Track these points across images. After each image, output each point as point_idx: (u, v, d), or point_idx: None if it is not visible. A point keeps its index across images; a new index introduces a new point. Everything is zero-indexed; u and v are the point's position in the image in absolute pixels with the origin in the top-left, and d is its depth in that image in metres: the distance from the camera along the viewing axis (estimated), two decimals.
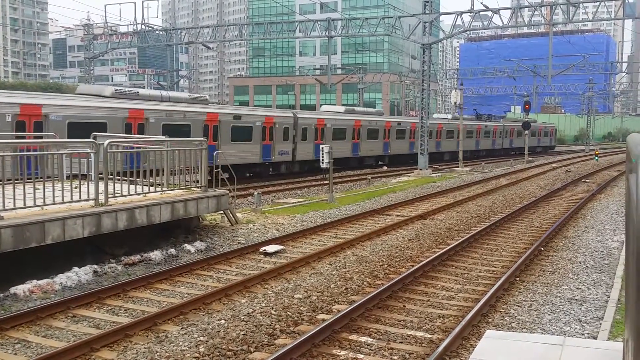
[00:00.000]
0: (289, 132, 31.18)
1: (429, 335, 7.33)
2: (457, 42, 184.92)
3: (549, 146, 71.97)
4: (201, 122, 25.25)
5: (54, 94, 26.60)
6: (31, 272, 9.29)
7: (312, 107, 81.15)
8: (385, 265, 10.91)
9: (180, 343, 6.88)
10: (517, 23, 36.17)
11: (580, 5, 33.24)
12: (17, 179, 9.71)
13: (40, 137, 16.96)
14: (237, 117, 27.73)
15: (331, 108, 41.11)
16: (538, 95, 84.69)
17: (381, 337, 7.29)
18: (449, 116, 52.36)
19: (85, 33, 50.13)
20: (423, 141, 34.04)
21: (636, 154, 2.55)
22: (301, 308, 8.25)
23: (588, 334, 7.52)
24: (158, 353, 6.58)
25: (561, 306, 8.63)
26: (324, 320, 7.62)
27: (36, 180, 10.03)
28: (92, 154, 11.09)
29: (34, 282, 9.04)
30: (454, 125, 47.36)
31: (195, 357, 6.47)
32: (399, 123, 43.01)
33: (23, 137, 17.04)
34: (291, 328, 7.46)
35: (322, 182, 27.71)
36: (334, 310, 8.24)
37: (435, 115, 51.29)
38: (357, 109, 43.33)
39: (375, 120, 40.24)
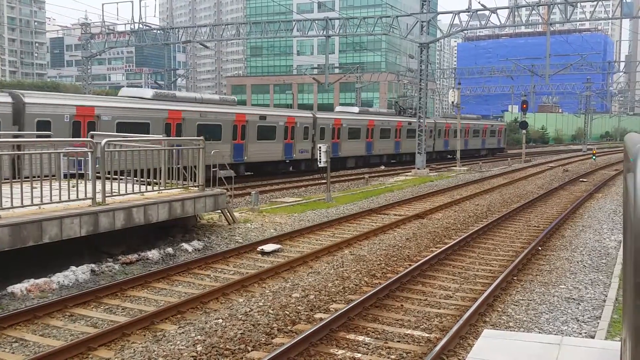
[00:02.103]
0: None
1: (427, 335, 7.33)
2: (455, 41, 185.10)
3: (497, 148, 61.60)
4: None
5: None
6: (28, 271, 9.28)
7: (309, 107, 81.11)
8: (383, 265, 10.91)
9: (178, 342, 6.87)
10: (515, 22, 36.19)
11: (578, 4, 33.28)
12: (14, 178, 9.68)
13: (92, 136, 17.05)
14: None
15: (346, 109, 42.93)
16: (536, 94, 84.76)
17: (379, 336, 7.29)
18: (356, 109, 41.86)
19: (83, 32, 50.02)
20: (420, 140, 34.07)
21: (634, 153, 2.56)
22: (299, 307, 8.25)
23: (585, 333, 7.53)
24: (155, 352, 6.57)
25: (559, 305, 8.64)
26: (321, 319, 7.62)
27: (33, 179, 10.01)
28: (89, 153, 11.06)
29: (32, 281, 9.03)
30: (363, 121, 39.10)
31: (192, 357, 6.46)
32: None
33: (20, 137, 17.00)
34: (289, 327, 7.46)
35: (319, 182, 27.71)
36: (331, 309, 8.24)
37: (338, 109, 41.93)
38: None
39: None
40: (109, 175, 11.47)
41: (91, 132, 13.47)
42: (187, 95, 28.15)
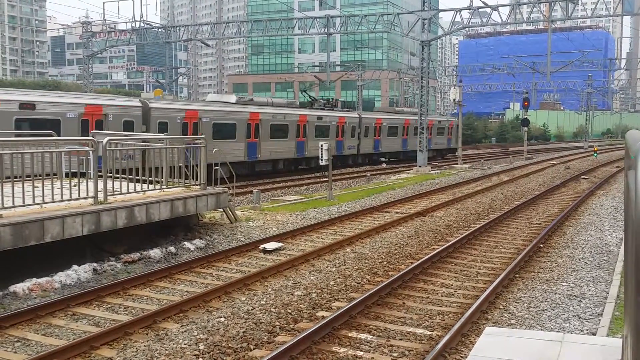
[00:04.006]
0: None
1: (429, 332, 7.34)
2: (456, 39, 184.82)
3: (447, 149, 51.67)
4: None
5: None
6: (31, 270, 9.29)
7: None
8: (385, 263, 10.92)
9: (180, 341, 6.88)
10: (516, 20, 36.11)
11: (579, 1, 33.21)
12: (16, 177, 9.70)
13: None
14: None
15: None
16: (537, 92, 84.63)
17: (381, 334, 7.29)
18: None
19: (84, 30, 50.04)
20: (422, 138, 34.04)
21: (635, 150, 2.56)
22: (301, 305, 8.25)
23: (587, 330, 7.53)
24: (158, 351, 6.58)
25: (560, 303, 8.64)
26: (323, 317, 7.62)
27: (35, 178, 10.03)
28: (91, 152, 11.07)
29: (34, 280, 9.04)
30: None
31: (195, 355, 6.47)
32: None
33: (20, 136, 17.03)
34: (291, 325, 7.47)
35: (321, 180, 27.72)
36: (333, 307, 8.25)
37: (211, 97, 33.49)
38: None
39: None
40: (110, 174, 11.48)
41: (92, 131, 13.57)
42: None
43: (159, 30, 48.29)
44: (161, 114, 23.91)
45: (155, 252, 11.25)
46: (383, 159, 42.98)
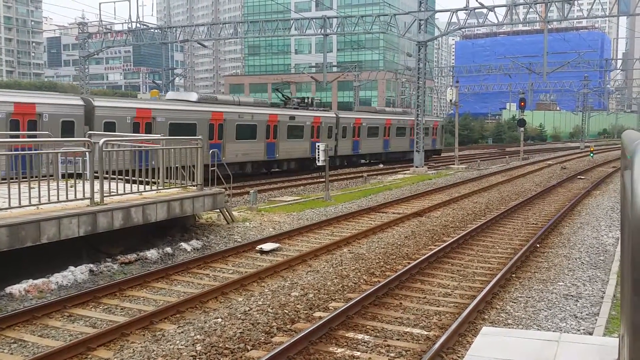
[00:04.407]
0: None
1: (426, 332, 7.34)
2: (453, 39, 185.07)
3: (432, 150, 46.89)
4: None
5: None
6: (27, 271, 9.27)
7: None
8: (382, 263, 10.92)
9: (177, 342, 6.87)
10: (512, 20, 36.20)
11: (575, 2, 33.30)
12: (12, 179, 9.67)
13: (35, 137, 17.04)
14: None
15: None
16: (533, 92, 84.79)
17: (378, 334, 7.29)
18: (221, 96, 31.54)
19: (80, 31, 49.98)
20: (418, 138, 34.09)
21: (631, 150, 2.56)
22: (298, 306, 8.25)
23: (584, 330, 7.55)
24: (155, 352, 6.57)
25: (557, 302, 8.66)
26: (320, 318, 7.62)
27: (31, 179, 10.00)
28: (87, 153, 11.05)
29: (30, 281, 9.02)
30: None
31: (192, 356, 6.46)
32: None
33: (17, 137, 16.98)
34: (288, 326, 7.47)
35: (318, 180, 27.71)
36: (330, 307, 8.25)
37: (170, 95, 30.55)
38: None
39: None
40: (107, 175, 11.45)
41: (88, 132, 13.50)
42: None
43: (156, 31, 48.27)
44: (107, 113, 21.67)
45: (151, 253, 11.23)
46: (363, 161, 40.59)
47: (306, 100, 37.09)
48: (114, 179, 12.06)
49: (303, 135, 32.45)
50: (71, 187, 10.57)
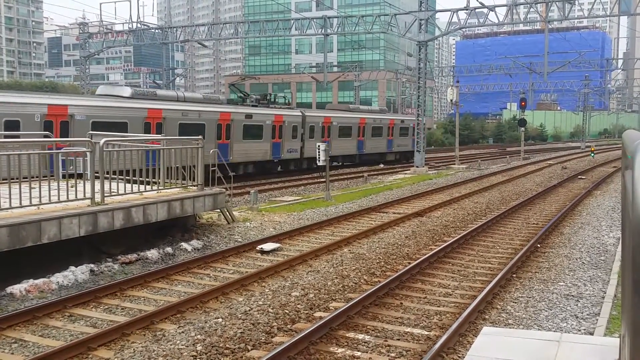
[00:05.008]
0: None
1: (426, 332, 7.34)
2: (453, 39, 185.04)
3: (412, 151, 39.07)
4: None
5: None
6: (28, 271, 9.27)
7: (308, 105, 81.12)
8: (382, 263, 10.92)
9: (178, 342, 6.87)
10: (513, 20, 36.19)
11: (576, 2, 33.29)
12: (12, 179, 9.67)
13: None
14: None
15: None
16: (534, 92, 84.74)
17: (378, 334, 7.29)
18: (161, 91, 28.01)
19: (81, 32, 50.01)
20: (419, 138, 34.10)
21: (632, 150, 2.56)
22: (298, 306, 8.25)
23: (585, 330, 7.54)
24: (155, 352, 6.57)
25: (558, 302, 8.65)
26: (321, 318, 7.62)
27: (32, 179, 10.00)
28: (87, 153, 11.05)
29: (31, 281, 9.02)
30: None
31: (192, 356, 6.46)
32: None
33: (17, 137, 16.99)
34: (288, 326, 7.46)
35: (318, 180, 27.71)
36: (331, 307, 8.24)
37: (100, 90, 25.36)
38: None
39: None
40: (107, 175, 11.46)
41: (89, 132, 13.47)
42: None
43: (156, 31, 48.29)
44: (6, 110, 18.33)
45: (152, 253, 11.23)
46: (335, 164, 36.16)
47: (268, 97, 33.51)
48: (115, 179, 12.06)
49: (262, 135, 29.37)
50: (72, 187, 10.57)
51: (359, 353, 6.67)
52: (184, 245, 12.04)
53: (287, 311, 7.99)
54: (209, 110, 26.07)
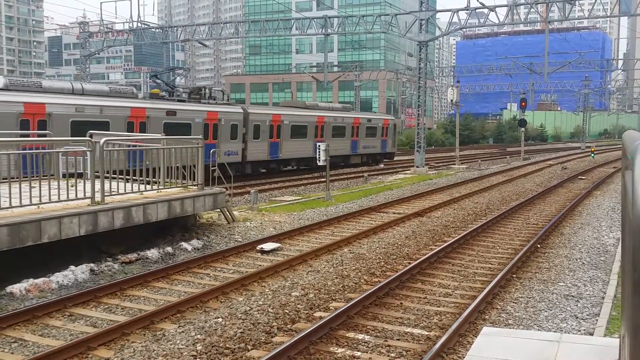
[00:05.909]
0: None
1: (426, 332, 7.34)
2: (454, 39, 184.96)
3: (381, 153, 40.08)
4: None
5: None
6: (27, 271, 9.27)
7: None
8: (382, 263, 10.92)
9: (178, 341, 6.87)
10: (513, 20, 36.19)
11: (576, 2, 33.29)
12: (12, 178, 9.67)
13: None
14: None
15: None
16: (534, 92, 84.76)
17: (378, 334, 7.29)
18: (105, 87, 23.39)
19: (81, 31, 50.03)
20: (419, 138, 34.08)
21: (632, 150, 2.56)
22: (298, 306, 8.25)
23: (584, 330, 7.54)
24: (155, 351, 6.58)
25: (558, 303, 8.65)
26: (321, 317, 7.62)
27: (32, 178, 10.00)
28: (88, 152, 11.05)
29: (31, 280, 9.02)
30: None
31: (192, 356, 6.47)
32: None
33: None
34: (288, 326, 7.47)
35: (318, 180, 27.71)
36: (331, 307, 8.25)
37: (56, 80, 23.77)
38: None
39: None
40: (107, 174, 11.46)
41: (89, 132, 13.40)
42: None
43: (157, 30, 48.28)
44: None
45: (152, 253, 11.23)
46: (290, 168, 32.72)
47: (202, 92, 28.20)
48: (115, 178, 12.07)
49: (191, 135, 24.20)
50: (72, 186, 10.58)
51: (359, 353, 6.67)
52: (184, 244, 12.04)
53: (287, 311, 7.99)
54: (114, 106, 21.62)
